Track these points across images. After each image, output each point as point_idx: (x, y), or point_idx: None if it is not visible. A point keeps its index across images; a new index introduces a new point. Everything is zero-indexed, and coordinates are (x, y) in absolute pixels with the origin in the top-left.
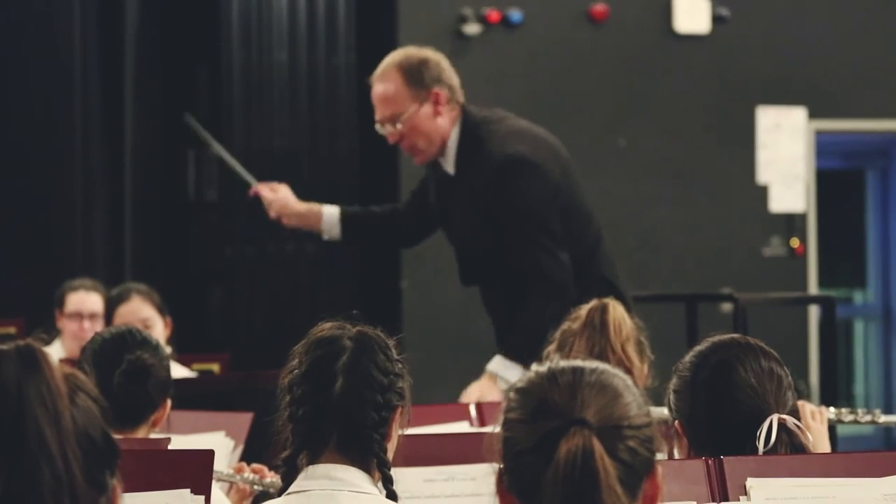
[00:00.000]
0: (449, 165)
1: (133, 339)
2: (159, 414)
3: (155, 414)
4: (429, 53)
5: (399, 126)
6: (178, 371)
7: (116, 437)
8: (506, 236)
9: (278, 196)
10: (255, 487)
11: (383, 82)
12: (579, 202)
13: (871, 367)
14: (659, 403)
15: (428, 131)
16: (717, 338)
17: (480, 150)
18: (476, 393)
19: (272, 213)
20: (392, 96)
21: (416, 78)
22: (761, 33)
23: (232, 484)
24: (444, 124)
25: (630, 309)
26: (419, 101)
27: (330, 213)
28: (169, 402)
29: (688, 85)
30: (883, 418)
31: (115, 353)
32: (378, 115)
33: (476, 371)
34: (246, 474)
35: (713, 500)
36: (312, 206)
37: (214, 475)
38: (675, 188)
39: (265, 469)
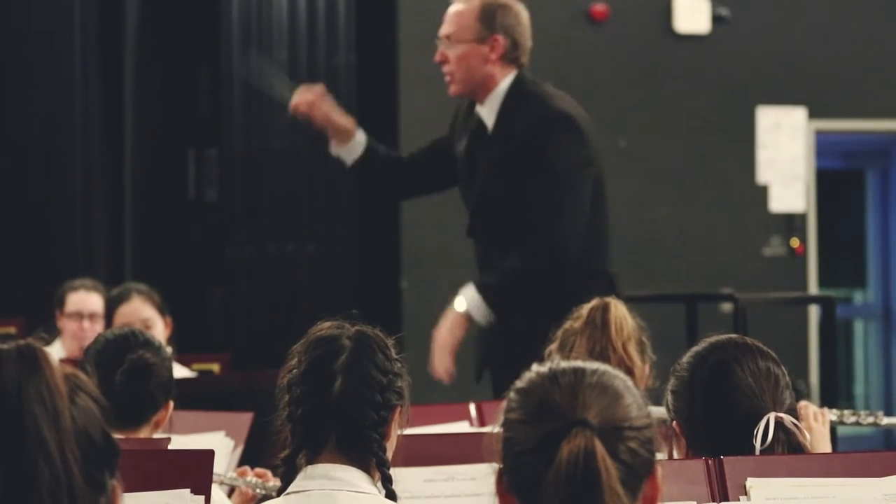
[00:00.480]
0: (489, 116)
1: (136, 340)
2: (161, 415)
3: (157, 414)
4: (517, 6)
5: (450, 50)
6: (179, 371)
7: (118, 436)
8: (531, 191)
9: (320, 103)
10: (258, 491)
11: (462, 4)
12: (603, 193)
13: (871, 367)
14: (660, 403)
15: (472, 69)
16: (714, 338)
17: (528, 103)
18: (446, 334)
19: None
20: (459, 20)
21: (489, 18)
22: (761, 33)
23: (235, 487)
24: (491, 72)
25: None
26: (479, 39)
27: (360, 137)
28: (171, 404)
29: (688, 85)
30: (885, 420)
31: (118, 353)
32: (442, 29)
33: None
34: (249, 478)
35: (713, 501)
36: (349, 123)
37: (218, 478)
38: (675, 188)
39: (269, 473)
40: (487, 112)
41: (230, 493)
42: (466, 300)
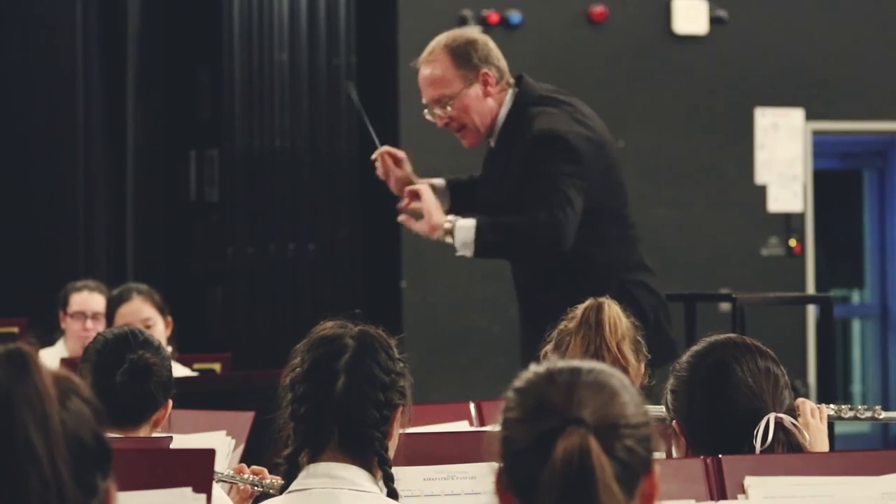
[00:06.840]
0: (493, 139)
1: (135, 340)
2: (160, 414)
3: (156, 414)
4: (476, 34)
5: (448, 108)
6: (180, 371)
7: (117, 436)
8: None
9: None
10: (256, 488)
11: (431, 64)
12: (617, 204)
13: (868, 367)
14: (656, 402)
15: (478, 111)
16: (713, 338)
17: (521, 123)
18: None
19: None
20: (440, 78)
21: (465, 58)
22: (759, 34)
23: (233, 484)
24: (492, 105)
25: (669, 324)
26: (468, 82)
27: (442, 186)
28: (170, 403)
29: (686, 86)
30: (883, 415)
31: (118, 352)
32: (426, 98)
33: (475, 369)
34: (246, 475)
35: (711, 499)
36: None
37: (215, 476)
38: (674, 188)
39: (265, 471)
40: (493, 135)
41: (228, 492)
42: (460, 223)
